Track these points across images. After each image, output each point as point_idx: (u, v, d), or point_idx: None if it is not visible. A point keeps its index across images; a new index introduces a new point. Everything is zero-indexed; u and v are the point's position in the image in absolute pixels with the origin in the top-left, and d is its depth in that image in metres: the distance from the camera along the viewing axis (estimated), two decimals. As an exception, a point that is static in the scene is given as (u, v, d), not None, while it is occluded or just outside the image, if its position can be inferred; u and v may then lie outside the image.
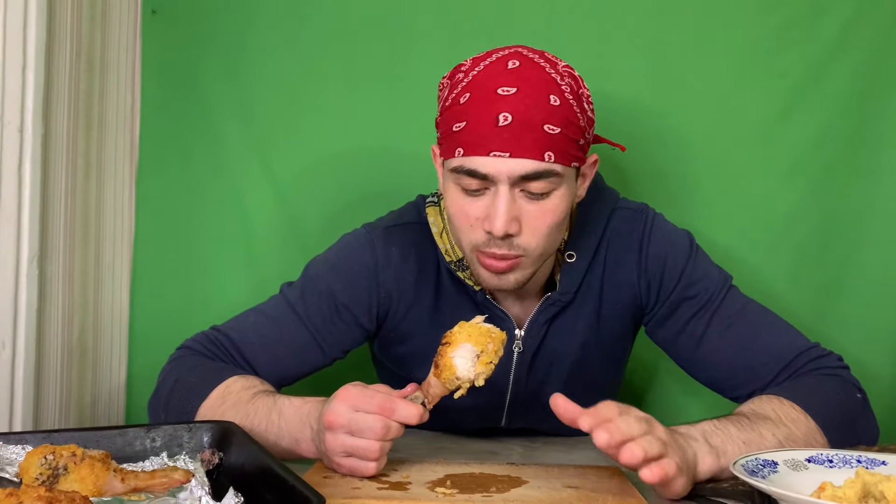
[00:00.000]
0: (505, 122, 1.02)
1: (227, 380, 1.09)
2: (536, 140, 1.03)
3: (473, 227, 1.07)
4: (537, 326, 1.19)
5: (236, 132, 1.55)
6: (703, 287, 1.17)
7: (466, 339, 0.94)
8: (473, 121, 1.04)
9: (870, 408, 1.13)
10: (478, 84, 1.05)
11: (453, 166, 1.07)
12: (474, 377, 0.94)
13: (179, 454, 0.90)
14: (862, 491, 0.79)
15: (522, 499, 0.89)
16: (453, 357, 0.93)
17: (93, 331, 1.40)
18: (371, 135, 1.55)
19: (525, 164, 1.03)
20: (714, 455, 0.95)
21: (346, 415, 0.94)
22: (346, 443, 0.94)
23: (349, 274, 1.20)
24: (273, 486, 0.79)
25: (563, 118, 1.04)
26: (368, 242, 1.21)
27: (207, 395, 1.08)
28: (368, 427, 0.93)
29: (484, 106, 1.04)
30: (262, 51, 1.55)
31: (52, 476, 0.77)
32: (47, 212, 1.24)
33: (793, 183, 1.54)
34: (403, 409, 0.93)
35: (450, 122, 1.08)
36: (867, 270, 1.54)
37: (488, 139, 1.03)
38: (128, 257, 1.49)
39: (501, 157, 1.03)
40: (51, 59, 1.23)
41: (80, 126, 1.33)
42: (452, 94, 1.08)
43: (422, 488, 0.92)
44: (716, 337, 1.16)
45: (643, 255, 1.18)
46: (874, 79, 1.53)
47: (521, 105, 1.03)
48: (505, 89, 1.03)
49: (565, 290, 1.17)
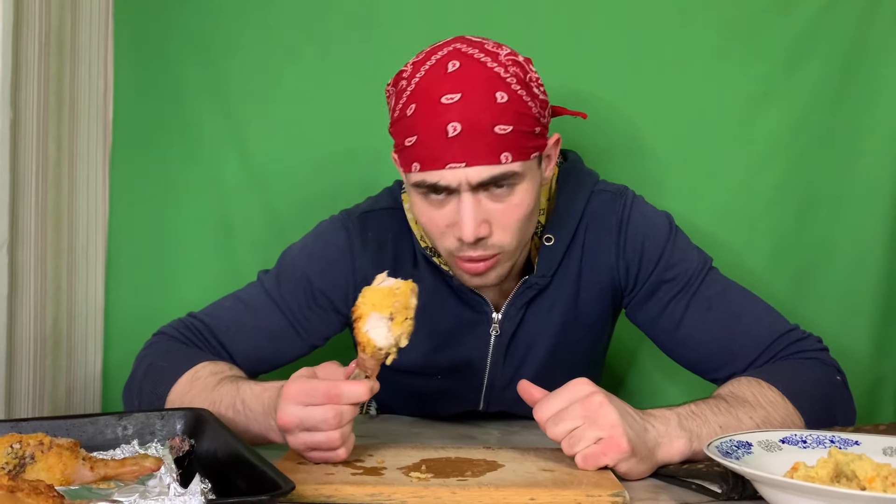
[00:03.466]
0: (454, 133, 1.01)
1: (196, 365, 1.08)
2: (489, 144, 1.02)
3: (445, 235, 1.08)
4: (514, 310, 1.19)
5: (211, 116, 1.53)
6: (682, 269, 1.17)
7: (371, 309, 0.92)
8: (423, 134, 1.03)
9: (848, 390, 1.14)
10: (421, 93, 1.04)
11: (413, 181, 1.07)
12: (396, 341, 0.92)
13: (151, 442, 0.89)
14: (834, 470, 0.79)
15: (497, 482, 0.89)
16: (367, 332, 0.91)
17: (67, 319, 1.38)
18: (348, 120, 1.54)
19: (482, 171, 1.02)
20: (686, 439, 0.95)
21: (297, 413, 0.92)
22: (305, 440, 0.93)
23: (325, 260, 1.20)
24: (244, 472, 0.78)
25: (514, 113, 1.03)
26: (344, 228, 1.20)
27: (177, 380, 1.07)
28: (322, 420, 0.92)
29: (431, 118, 1.02)
30: (237, 34, 1.53)
31: (18, 465, 0.76)
32: (17, 198, 1.22)
33: (771, 167, 1.54)
34: (350, 390, 0.92)
35: (401, 135, 1.07)
36: (844, 253, 1.55)
37: (441, 152, 1.02)
38: (102, 244, 1.47)
39: (458, 168, 1.02)
40: (18, 42, 1.21)
41: (50, 110, 1.31)
42: (399, 104, 1.07)
43: (396, 473, 0.92)
44: (695, 319, 1.15)
45: (622, 237, 1.17)
46: (851, 63, 1.53)
47: (468, 111, 1.01)
48: (449, 97, 1.02)
49: (542, 273, 1.17)
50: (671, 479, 0.94)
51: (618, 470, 0.93)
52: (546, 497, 0.85)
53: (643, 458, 0.93)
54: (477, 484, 0.88)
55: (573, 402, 0.94)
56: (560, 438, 0.94)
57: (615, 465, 0.92)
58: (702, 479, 0.91)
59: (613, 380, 1.57)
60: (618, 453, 0.91)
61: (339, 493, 0.86)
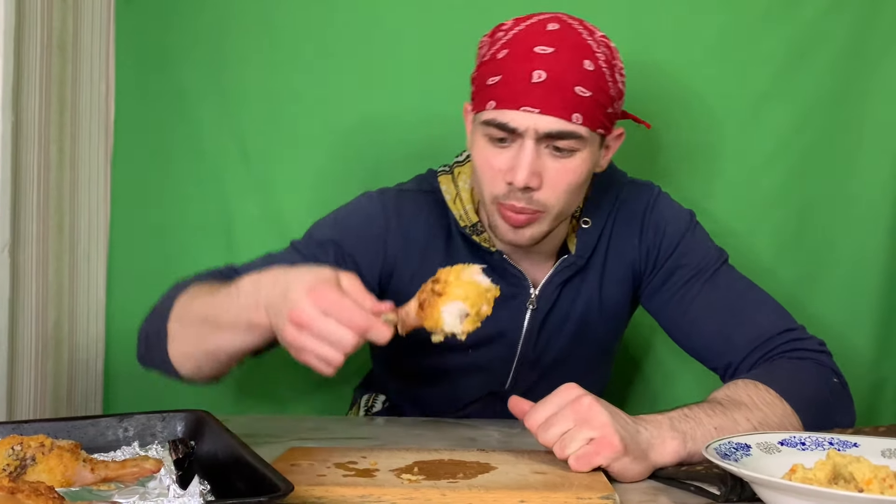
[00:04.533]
0: (539, 80, 1.06)
1: (201, 275, 1.10)
2: (567, 100, 1.06)
3: (496, 179, 1.10)
4: (552, 287, 1.22)
5: (213, 117, 1.54)
6: (698, 257, 1.21)
7: (461, 298, 0.89)
8: (508, 75, 1.07)
9: (847, 394, 1.14)
10: (516, 42, 1.09)
11: (484, 118, 1.10)
12: (459, 333, 0.90)
13: (152, 443, 0.89)
14: (832, 472, 0.79)
15: (488, 484, 0.88)
16: (443, 311, 0.89)
17: (68, 320, 1.39)
18: (350, 119, 1.54)
19: (553, 122, 1.07)
20: (680, 439, 0.95)
21: (316, 318, 0.87)
22: (306, 344, 0.88)
23: (357, 229, 1.21)
24: (244, 474, 0.78)
25: (595, 84, 1.08)
26: (380, 203, 1.23)
27: (185, 289, 1.07)
28: (339, 339, 0.87)
29: (520, 62, 1.07)
30: (238, 36, 1.54)
31: (19, 467, 0.76)
32: (19, 200, 1.23)
33: (773, 167, 1.55)
34: (376, 331, 0.88)
35: (485, 76, 1.10)
36: (846, 255, 1.56)
37: (521, 94, 1.06)
38: (104, 245, 1.48)
39: (531, 113, 1.06)
40: (20, 45, 1.22)
41: (52, 112, 1.32)
42: (491, 50, 1.11)
43: (388, 475, 0.91)
44: (702, 305, 1.19)
45: (645, 222, 1.23)
46: (853, 64, 1.53)
47: (556, 65, 1.06)
48: (542, 48, 1.07)
49: (580, 254, 1.21)
50: (670, 481, 0.94)
51: (612, 470, 0.93)
52: (536, 499, 0.84)
53: (636, 457, 0.93)
54: (467, 486, 0.87)
55: (563, 406, 0.94)
56: (552, 443, 0.93)
57: (609, 464, 0.92)
58: (700, 481, 0.91)
59: (629, 365, 1.57)
60: (611, 452, 0.91)
61: (329, 495, 0.85)
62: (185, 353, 1.06)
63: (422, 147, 1.47)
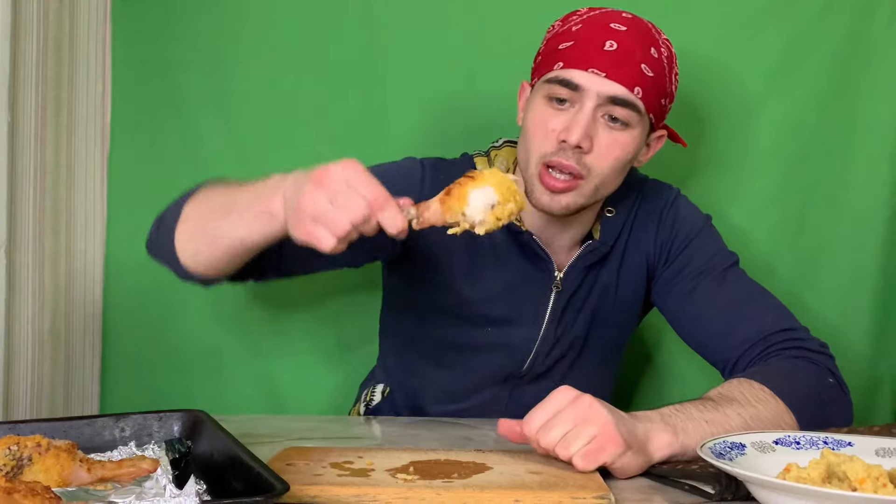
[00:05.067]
0: (610, 48, 1.12)
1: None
2: (633, 72, 1.12)
3: (548, 138, 1.14)
4: (576, 272, 1.25)
5: (210, 119, 1.53)
6: (709, 254, 1.25)
7: (494, 185, 0.89)
8: (581, 40, 1.14)
9: (844, 396, 1.14)
10: (593, 19, 1.16)
11: (549, 77, 1.15)
12: (479, 221, 0.89)
13: (149, 443, 0.89)
14: (826, 471, 0.79)
15: (483, 484, 0.88)
16: (471, 193, 0.88)
17: (65, 321, 1.38)
18: (348, 119, 1.54)
19: (616, 88, 1.12)
20: (671, 431, 0.96)
21: (340, 182, 0.88)
22: (320, 206, 0.89)
23: (396, 182, 1.16)
24: (240, 474, 0.78)
25: (658, 69, 1.15)
26: (419, 165, 1.26)
27: (200, 188, 1.10)
28: (353, 205, 0.88)
29: (595, 32, 1.14)
30: (235, 37, 1.53)
31: (16, 467, 0.76)
32: (15, 200, 1.23)
33: (769, 167, 1.55)
34: (391, 215, 0.88)
35: (556, 43, 1.16)
36: (842, 254, 1.56)
37: (591, 57, 1.12)
38: (100, 246, 1.48)
39: (598, 76, 1.12)
40: (16, 45, 1.22)
41: (48, 113, 1.32)
42: (564, 27, 1.17)
43: (384, 475, 0.91)
44: (707, 300, 1.22)
45: (663, 218, 1.28)
46: (849, 63, 1.54)
47: (629, 40, 1.13)
48: (617, 25, 1.14)
49: (604, 241, 1.25)
50: (664, 479, 0.94)
51: (614, 466, 0.93)
52: (531, 499, 0.85)
53: (637, 451, 0.94)
54: (462, 486, 0.87)
55: (561, 408, 0.94)
56: (553, 445, 0.93)
57: (613, 460, 0.92)
58: (695, 479, 0.91)
59: (641, 359, 1.57)
60: (615, 447, 0.92)
61: (324, 494, 0.85)
62: (189, 233, 1.07)
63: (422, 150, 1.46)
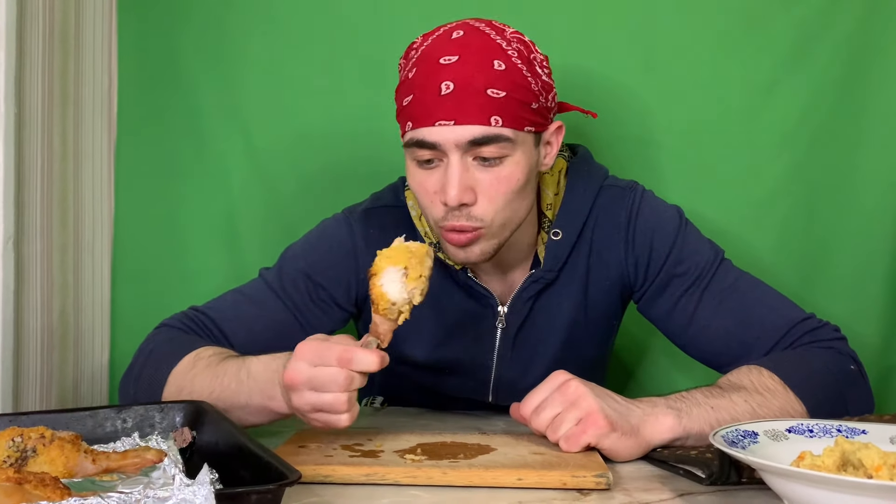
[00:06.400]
0: (447, 91, 1.03)
1: (199, 348, 1.08)
2: (481, 105, 1.03)
3: (433, 202, 1.08)
4: (521, 303, 1.18)
5: (217, 109, 1.53)
6: (693, 263, 1.16)
7: (387, 263, 0.93)
8: (418, 92, 1.05)
9: (865, 380, 1.12)
10: (424, 58, 1.07)
11: (405, 140, 1.08)
12: (409, 296, 0.92)
13: (151, 434, 0.89)
14: (840, 459, 0.78)
15: (487, 464, 0.91)
16: (381, 285, 0.92)
17: (73, 312, 1.38)
18: (354, 112, 1.54)
19: (471, 130, 1.03)
20: (675, 415, 0.97)
21: (307, 371, 0.91)
22: (311, 400, 0.91)
23: (328, 255, 1.20)
24: (248, 463, 0.78)
25: (510, 82, 1.04)
26: (347, 225, 1.21)
27: (178, 361, 1.06)
28: (331, 380, 0.90)
29: (427, 77, 1.05)
30: (242, 27, 1.53)
31: (20, 458, 0.76)
32: (23, 192, 1.23)
33: (777, 158, 1.54)
34: (362, 357, 0.90)
35: (401, 97, 1.09)
36: (851, 244, 1.54)
37: (433, 109, 1.04)
38: (108, 237, 1.48)
39: (447, 126, 1.03)
40: (23, 36, 1.21)
41: (55, 105, 1.31)
42: (404, 70, 1.10)
43: (392, 455, 0.95)
44: (709, 313, 1.15)
45: (630, 232, 1.17)
46: (857, 54, 1.52)
47: (463, 71, 1.03)
48: (447, 58, 1.04)
49: (549, 268, 1.17)
50: (661, 463, 0.96)
51: (602, 447, 0.96)
52: (533, 477, 0.88)
53: (626, 433, 0.95)
54: (468, 465, 0.90)
55: (552, 391, 0.98)
56: (544, 427, 0.97)
57: (598, 442, 0.95)
58: (689, 464, 0.92)
59: (623, 371, 1.56)
60: (596, 430, 0.95)
61: (336, 474, 0.88)
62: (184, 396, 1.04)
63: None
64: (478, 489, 0.87)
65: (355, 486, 0.88)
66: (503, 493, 0.87)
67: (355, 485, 0.88)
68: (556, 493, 0.87)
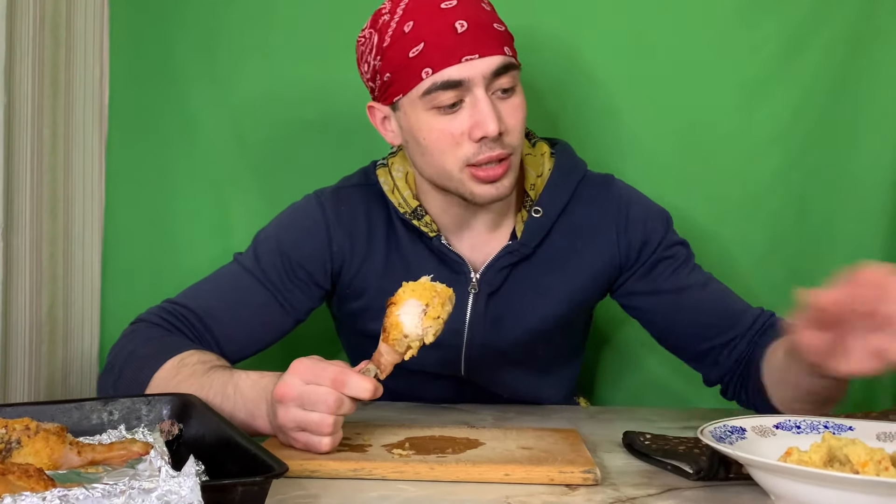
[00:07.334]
0: (463, 29, 1.08)
1: (184, 352, 1.07)
2: (494, 37, 1.10)
3: (460, 144, 1.10)
4: (493, 272, 1.21)
5: (208, 102, 1.52)
6: (680, 250, 1.25)
7: (410, 296, 0.93)
8: (432, 37, 1.08)
9: None
10: (417, 9, 1.10)
11: (424, 89, 1.09)
12: (423, 333, 0.92)
13: (138, 427, 0.89)
14: (827, 455, 0.78)
15: (474, 458, 0.92)
16: (399, 315, 0.92)
17: (62, 305, 1.38)
18: (347, 106, 1.53)
19: (494, 60, 1.09)
20: None
21: (298, 387, 0.91)
22: (297, 416, 0.91)
23: (300, 232, 1.22)
24: (235, 455, 0.78)
25: (498, 19, 1.13)
26: (318, 204, 1.23)
27: (161, 365, 1.05)
28: (321, 400, 0.90)
29: (437, 21, 1.08)
30: (234, 18, 1.52)
31: (4, 450, 0.76)
32: (12, 184, 1.22)
33: (770, 154, 1.53)
34: (356, 382, 0.91)
35: (401, 53, 1.09)
36: (844, 241, 1.54)
37: (455, 47, 1.08)
38: (98, 229, 1.47)
39: (473, 60, 1.08)
40: (13, 26, 1.21)
41: (45, 95, 1.31)
42: (387, 32, 1.11)
43: (380, 450, 0.95)
44: (700, 283, 1.23)
45: (622, 216, 1.22)
46: (851, 50, 1.51)
47: (470, 9, 1.10)
48: (446, 3, 1.09)
49: (525, 242, 1.20)
50: (649, 458, 0.96)
51: None
52: (520, 473, 0.88)
53: None
54: (455, 460, 0.90)
55: None
56: None
57: None
58: (677, 459, 0.92)
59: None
60: None
61: (323, 468, 0.88)
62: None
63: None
64: (465, 483, 0.87)
65: (342, 479, 0.88)
66: (490, 487, 0.87)
67: (342, 479, 0.88)
68: (544, 487, 0.87)
